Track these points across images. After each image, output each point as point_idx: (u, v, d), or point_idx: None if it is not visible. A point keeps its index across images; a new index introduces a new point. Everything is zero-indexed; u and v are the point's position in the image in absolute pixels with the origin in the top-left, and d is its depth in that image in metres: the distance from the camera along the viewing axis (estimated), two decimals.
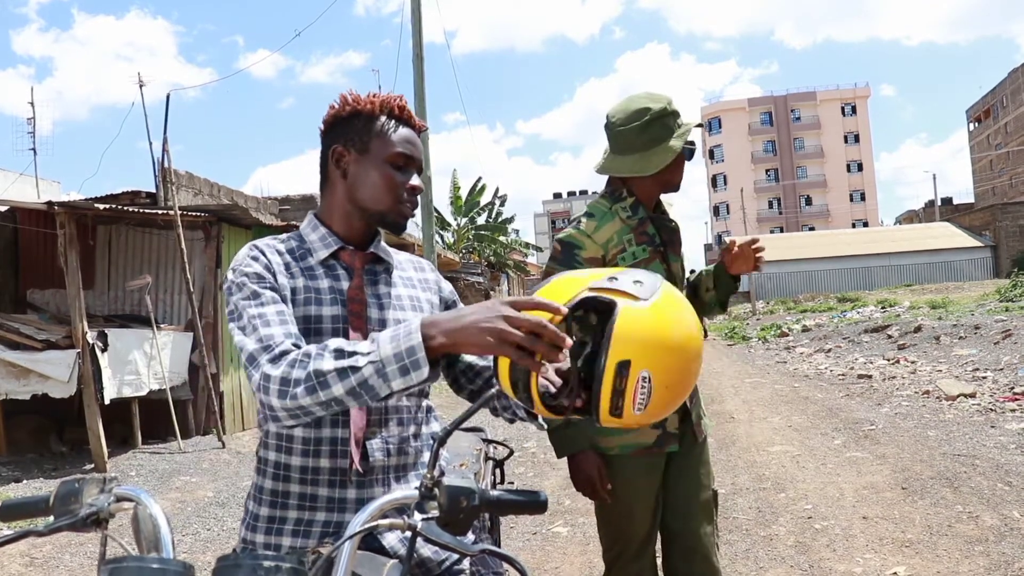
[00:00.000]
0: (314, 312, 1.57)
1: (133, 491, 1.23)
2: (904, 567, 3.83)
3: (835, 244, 41.90)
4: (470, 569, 1.56)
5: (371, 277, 1.65)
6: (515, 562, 1.17)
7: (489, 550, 1.17)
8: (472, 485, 1.19)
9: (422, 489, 1.18)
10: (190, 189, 10.70)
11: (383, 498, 1.19)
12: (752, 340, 19.10)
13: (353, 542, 1.13)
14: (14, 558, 4.83)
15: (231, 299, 1.53)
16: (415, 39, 14.07)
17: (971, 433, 6.59)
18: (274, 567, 0.97)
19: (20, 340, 7.69)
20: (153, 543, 1.20)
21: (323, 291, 1.59)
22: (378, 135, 1.62)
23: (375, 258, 1.67)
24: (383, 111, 1.63)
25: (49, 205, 7.85)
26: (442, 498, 1.17)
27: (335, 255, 1.64)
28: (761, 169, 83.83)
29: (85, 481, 1.23)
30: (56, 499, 1.22)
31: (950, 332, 12.96)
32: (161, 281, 9.65)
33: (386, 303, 1.63)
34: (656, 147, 2.36)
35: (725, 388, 10.87)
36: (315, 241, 1.65)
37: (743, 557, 4.16)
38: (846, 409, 8.35)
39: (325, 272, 1.63)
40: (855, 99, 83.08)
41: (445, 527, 1.16)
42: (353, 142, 1.63)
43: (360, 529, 1.13)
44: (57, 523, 1.19)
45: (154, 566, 0.98)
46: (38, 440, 8.57)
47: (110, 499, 1.21)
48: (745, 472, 5.94)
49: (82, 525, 1.19)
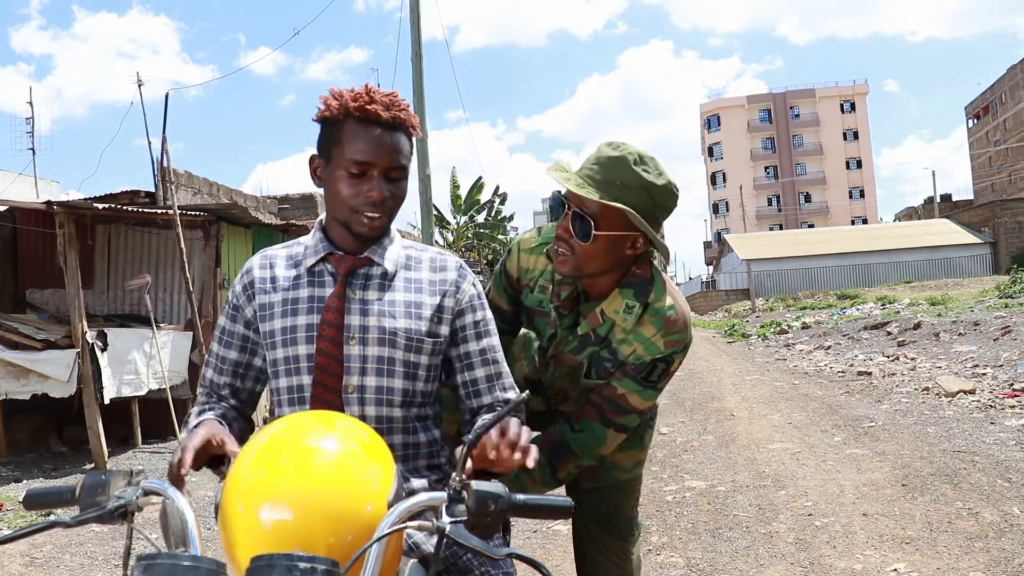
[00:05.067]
0: (289, 323, 1.60)
1: (161, 485, 1.23)
2: (904, 563, 3.83)
3: (834, 241, 41.90)
4: (479, 570, 1.55)
5: (361, 282, 1.62)
6: (542, 567, 1.16)
7: (516, 554, 1.17)
8: (500, 490, 1.19)
9: (451, 492, 1.18)
10: (189, 188, 10.70)
11: (412, 499, 1.18)
12: (751, 337, 19.10)
13: (383, 543, 1.12)
14: (14, 558, 4.83)
15: None
16: (414, 37, 14.07)
17: (971, 430, 6.60)
18: (310, 568, 0.96)
19: (19, 340, 7.69)
20: (181, 538, 1.19)
21: (301, 300, 1.61)
22: (336, 143, 1.57)
23: (369, 262, 1.64)
24: (346, 114, 1.56)
25: (48, 205, 7.85)
26: (470, 501, 1.17)
27: (325, 260, 1.64)
28: (760, 166, 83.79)
29: (112, 473, 1.23)
30: (83, 490, 1.22)
31: (949, 329, 12.96)
32: (160, 280, 9.64)
33: (372, 310, 1.60)
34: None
35: (725, 385, 10.87)
36: (309, 247, 1.67)
37: (743, 554, 4.16)
38: (846, 406, 8.36)
39: (310, 280, 1.63)
40: (854, 96, 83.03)
41: (472, 530, 1.16)
42: (322, 151, 1.62)
43: (390, 530, 1.12)
44: (84, 515, 1.19)
45: (186, 563, 0.97)
46: (38, 440, 8.57)
47: (138, 492, 1.21)
48: (745, 469, 5.94)
49: (109, 517, 1.19)
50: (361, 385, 1.57)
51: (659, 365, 2.04)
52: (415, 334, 1.61)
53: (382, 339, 1.59)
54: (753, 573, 3.91)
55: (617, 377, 2.06)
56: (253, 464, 1.15)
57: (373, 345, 1.58)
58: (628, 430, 2.11)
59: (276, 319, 1.61)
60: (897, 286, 31.48)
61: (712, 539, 4.44)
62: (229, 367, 1.68)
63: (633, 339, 2.03)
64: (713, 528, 4.63)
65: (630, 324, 2.02)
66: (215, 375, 1.69)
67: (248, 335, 1.68)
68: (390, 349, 1.59)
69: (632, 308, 2.01)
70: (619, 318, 2.03)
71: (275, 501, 1.10)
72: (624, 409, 2.06)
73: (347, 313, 1.59)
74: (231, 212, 9.70)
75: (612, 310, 2.04)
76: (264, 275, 1.67)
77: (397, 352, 1.59)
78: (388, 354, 1.59)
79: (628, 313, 2.01)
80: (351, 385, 1.57)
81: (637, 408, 2.07)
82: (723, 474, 5.84)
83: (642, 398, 2.06)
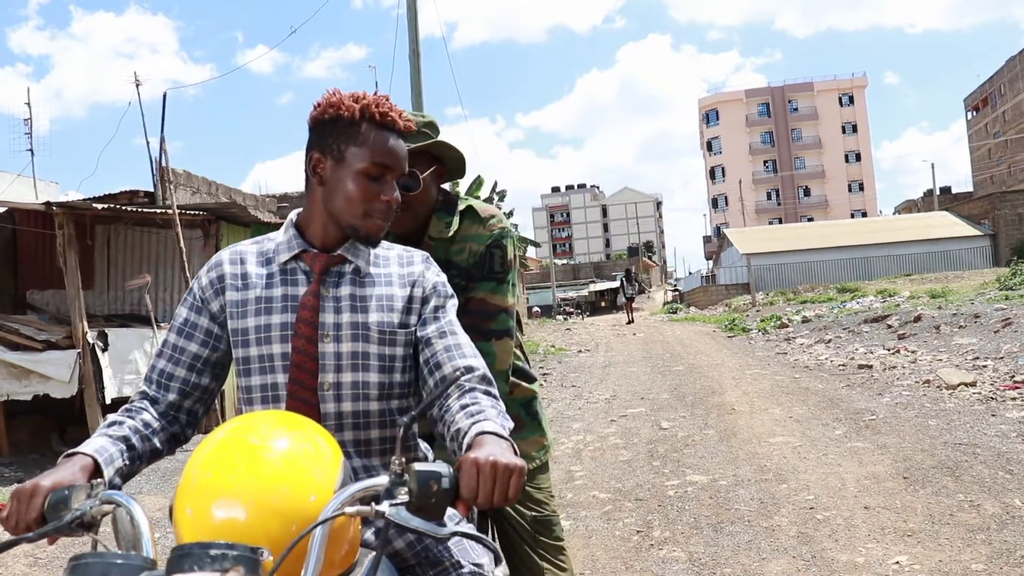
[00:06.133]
0: (264, 321, 1.59)
1: (117, 495, 1.25)
2: (906, 556, 3.84)
3: (834, 235, 41.84)
4: (450, 561, 1.54)
5: (334, 279, 1.62)
6: (487, 542, 1.17)
7: (461, 532, 1.17)
8: (442, 468, 1.18)
9: (392, 475, 1.18)
10: (188, 188, 10.69)
11: (353, 486, 1.18)
12: (752, 331, 19.08)
13: (325, 529, 1.12)
14: (19, 558, 4.84)
15: None
16: (411, 34, 14.04)
17: (972, 422, 6.60)
18: (221, 555, 0.98)
19: (20, 341, 7.70)
20: (131, 543, 1.22)
21: (275, 299, 1.60)
22: (354, 143, 1.58)
23: (342, 259, 1.64)
24: (363, 116, 1.59)
25: (47, 206, 7.85)
26: (412, 483, 1.16)
27: (299, 258, 1.63)
28: (759, 160, 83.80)
29: (74, 488, 1.27)
30: (49, 507, 1.26)
31: (950, 321, 12.96)
32: (160, 280, 9.65)
33: (345, 306, 1.60)
34: None
35: (726, 380, 10.87)
36: (282, 244, 1.66)
37: (745, 548, 4.17)
38: (847, 399, 8.36)
39: (283, 278, 1.62)
40: (852, 89, 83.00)
41: (417, 512, 1.15)
42: (331, 149, 1.60)
43: (328, 516, 1.13)
44: (44, 529, 1.23)
45: (116, 561, 1.03)
46: (40, 440, 8.57)
47: (95, 503, 1.24)
48: (746, 463, 5.95)
49: (68, 529, 1.23)
50: (337, 382, 1.57)
51: (495, 252, 2.23)
52: (387, 327, 1.61)
53: (355, 335, 1.59)
54: (755, 567, 3.91)
55: (471, 288, 2.21)
56: (201, 465, 1.18)
57: (347, 341, 1.58)
58: (509, 334, 2.23)
59: (249, 317, 1.60)
60: (897, 279, 31.44)
61: (714, 533, 4.45)
62: (187, 359, 1.64)
63: (462, 242, 2.22)
64: (715, 522, 4.63)
65: (454, 231, 2.22)
66: (169, 365, 1.64)
67: (212, 329, 1.64)
68: (364, 344, 1.59)
69: (450, 221, 2.22)
70: (444, 233, 2.21)
71: (221, 498, 1.13)
72: (490, 312, 2.20)
73: (321, 311, 1.58)
74: (230, 211, 9.70)
75: (436, 232, 2.21)
76: (235, 271, 1.65)
77: (371, 346, 1.59)
78: (362, 349, 1.59)
79: (447, 227, 2.21)
80: (327, 382, 1.56)
81: (501, 306, 2.21)
82: (724, 468, 5.85)
83: (498, 294, 2.22)
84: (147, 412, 1.60)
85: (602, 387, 11.28)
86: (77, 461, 1.39)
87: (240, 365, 1.62)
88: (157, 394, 1.63)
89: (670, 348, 16.84)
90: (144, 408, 1.61)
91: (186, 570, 0.98)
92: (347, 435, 1.57)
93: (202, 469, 1.18)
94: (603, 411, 9.08)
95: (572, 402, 10.04)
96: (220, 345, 1.65)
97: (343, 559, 1.24)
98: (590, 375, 13.03)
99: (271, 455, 1.19)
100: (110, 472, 1.42)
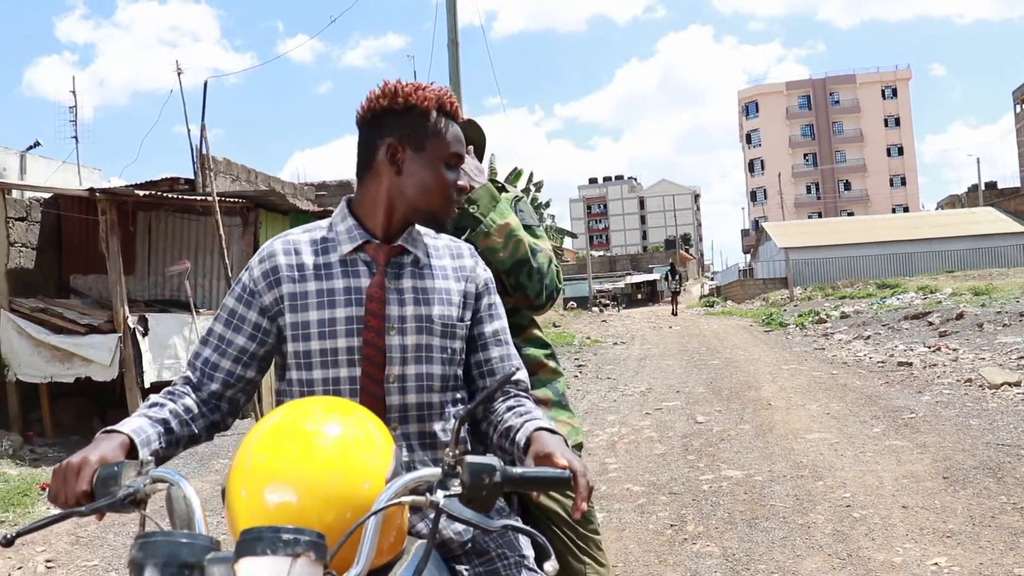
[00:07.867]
0: (327, 315, 1.57)
1: (168, 473, 1.27)
2: (945, 558, 3.77)
3: (874, 229, 41.22)
4: (496, 551, 1.55)
5: (395, 271, 1.62)
6: (537, 536, 1.18)
7: (511, 526, 1.19)
8: (494, 462, 1.21)
9: (445, 467, 1.20)
10: (228, 175, 10.81)
11: (408, 476, 1.20)
12: (789, 326, 18.88)
13: (379, 518, 1.14)
14: (61, 536, 4.95)
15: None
16: (450, 23, 14.04)
17: (1016, 423, 6.46)
18: (293, 539, 0.99)
19: (64, 324, 7.86)
20: (186, 522, 1.24)
21: (337, 291, 1.58)
22: (434, 133, 1.62)
23: (402, 250, 1.64)
24: (437, 108, 1.63)
25: (91, 192, 7.99)
26: (464, 475, 1.19)
27: (360, 249, 1.62)
28: (799, 153, 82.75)
29: (124, 464, 1.28)
30: (98, 482, 1.28)
31: (994, 319, 12.71)
32: (200, 266, 9.78)
33: (408, 299, 1.60)
34: None
35: (762, 375, 10.77)
36: (342, 233, 1.63)
37: (780, 545, 4.13)
38: (885, 397, 8.24)
39: (344, 270, 1.60)
40: (896, 81, 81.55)
41: (468, 504, 1.18)
42: (409, 138, 1.61)
43: (385, 504, 1.14)
44: (96, 504, 1.24)
45: (182, 540, 1.03)
46: (82, 422, 8.75)
47: (146, 480, 1.25)
48: (782, 459, 5.89)
49: (120, 505, 1.24)
50: (402, 374, 1.57)
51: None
52: (449, 320, 1.62)
53: (419, 327, 1.59)
54: (790, 564, 3.87)
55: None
56: (256, 448, 1.20)
57: (412, 334, 1.58)
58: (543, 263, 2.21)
59: (311, 310, 1.57)
60: (939, 275, 30.88)
61: (748, 529, 4.41)
62: (233, 351, 1.61)
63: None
64: (750, 518, 4.59)
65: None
66: (215, 355, 1.61)
67: (260, 323, 1.61)
68: (427, 336, 1.59)
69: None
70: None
71: (275, 483, 1.15)
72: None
73: (386, 303, 1.58)
74: (269, 199, 9.79)
75: None
76: (290, 262, 1.61)
77: (435, 339, 1.60)
78: (426, 341, 1.59)
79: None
80: (392, 375, 1.56)
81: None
82: (760, 464, 5.80)
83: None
84: (189, 397, 1.58)
85: (637, 380, 11.23)
86: (115, 439, 1.39)
87: (299, 359, 1.58)
88: (200, 381, 1.62)
89: (706, 342, 16.73)
90: (186, 393, 1.59)
91: (259, 553, 0.99)
92: (412, 427, 1.58)
93: (256, 452, 1.20)
94: (638, 404, 9.04)
95: (607, 394, 10.01)
96: (268, 339, 1.62)
97: (392, 546, 1.26)
98: (625, 367, 12.99)
99: (325, 441, 1.20)
100: (144, 454, 1.41)
